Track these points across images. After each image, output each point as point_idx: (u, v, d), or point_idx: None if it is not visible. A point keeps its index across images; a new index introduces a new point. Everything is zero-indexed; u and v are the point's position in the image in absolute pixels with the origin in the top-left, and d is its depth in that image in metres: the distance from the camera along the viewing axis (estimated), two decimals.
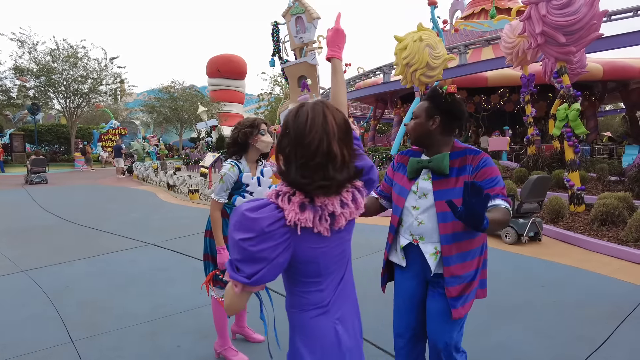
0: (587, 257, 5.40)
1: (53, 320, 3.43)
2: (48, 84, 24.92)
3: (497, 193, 1.76)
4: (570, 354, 2.90)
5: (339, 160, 1.16)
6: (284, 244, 1.16)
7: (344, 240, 1.31)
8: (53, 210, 8.87)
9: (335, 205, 1.19)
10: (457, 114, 1.86)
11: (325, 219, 1.18)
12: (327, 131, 1.15)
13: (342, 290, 1.34)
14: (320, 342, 1.29)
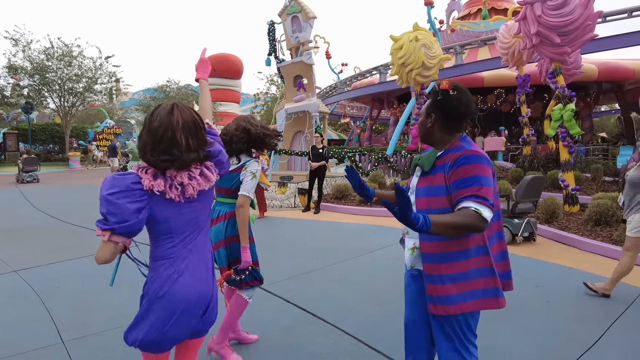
0: (582, 257, 5.41)
1: (44, 321, 3.39)
2: (42, 82, 24.77)
3: (470, 195, 1.61)
4: (563, 354, 2.90)
5: (184, 146, 1.53)
6: (142, 202, 1.50)
7: (195, 208, 1.65)
8: (46, 210, 8.81)
9: (184, 177, 1.56)
10: (450, 112, 1.79)
11: (176, 187, 1.55)
12: (171, 124, 1.53)
13: (191, 249, 1.66)
14: (161, 287, 1.61)
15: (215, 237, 2.69)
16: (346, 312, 3.56)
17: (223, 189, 2.72)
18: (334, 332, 3.20)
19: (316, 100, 14.70)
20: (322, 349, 2.93)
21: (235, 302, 2.75)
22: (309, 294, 3.98)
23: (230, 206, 2.70)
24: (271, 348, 2.97)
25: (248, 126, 2.71)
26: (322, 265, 4.89)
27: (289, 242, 6.04)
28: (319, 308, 3.62)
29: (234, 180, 2.68)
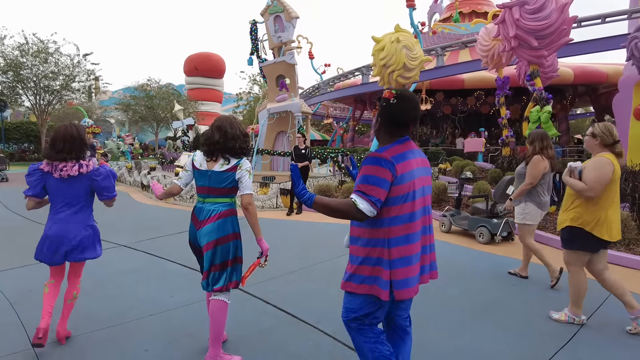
0: (558, 256, 5.45)
1: (13, 326, 3.27)
2: (16, 79, 24.01)
3: (356, 189, 1.96)
4: (538, 351, 2.95)
5: (68, 150, 2.89)
6: (39, 179, 2.94)
7: (72, 187, 2.96)
8: (19, 211, 8.53)
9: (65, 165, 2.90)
10: (390, 118, 2.04)
11: (58, 170, 2.88)
12: (65, 137, 2.90)
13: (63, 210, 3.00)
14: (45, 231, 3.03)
15: (208, 237, 2.70)
16: (326, 312, 3.54)
17: (217, 189, 2.73)
18: (315, 333, 3.18)
19: (299, 101, 14.67)
20: (302, 350, 2.91)
21: (217, 308, 2.69)
22: (289, 295, 3.95)
23: (224, 205, 2.75)
24: (250, 350, 2.93)
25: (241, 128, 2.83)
26: (302, 266, 4.87)
27: (269, 243, 5.96)
28: (299, 309, 3.60)
29: (228, 180, 2.73)
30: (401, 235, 1.99)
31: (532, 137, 4.40)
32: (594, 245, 3.34)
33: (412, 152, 2.06)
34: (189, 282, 4.32)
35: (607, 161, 3.25)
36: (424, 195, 2.08)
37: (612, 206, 3.31)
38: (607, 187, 3.25)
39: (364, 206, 1.90)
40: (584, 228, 3.29)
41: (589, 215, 3.29)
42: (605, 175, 3.21)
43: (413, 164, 2.03)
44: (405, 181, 1.96)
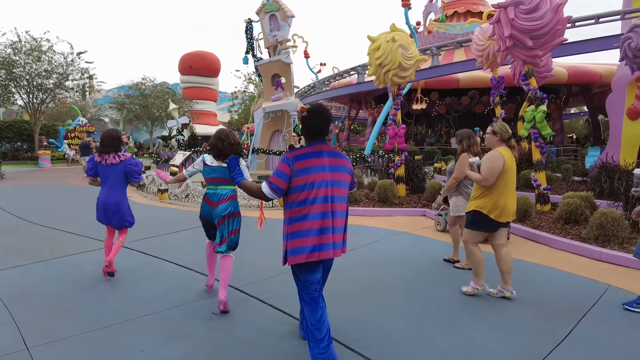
0: (552, 254, 5.56)
1: (7, 326, 3.24)
2: (9, 78, 23.75)
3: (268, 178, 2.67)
4: (534, 349, 2.96)
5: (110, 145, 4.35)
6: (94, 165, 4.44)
7: (113, 170, 4.35)
8: (13, 211, 8.45)
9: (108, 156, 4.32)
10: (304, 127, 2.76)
11: (104, 159, 4.32)
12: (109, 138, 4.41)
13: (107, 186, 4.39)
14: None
15: (224, 212, 3.71)
16: None
17: (225, 179, 3.70)
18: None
19: (294, 99, 14.64)
20: (298, 350, 2.91)
21: (229, 262, 3.70)
22: (285, 294, 3.94)
23: (231, 190, 3.79)
24: (247, 349, 2.93)
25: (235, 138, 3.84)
26: None
27: (265, 242, 5.97)
28: (295, 308, 3.59)
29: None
30: (298, 215, 2.57)
31: (460, 137, 4.72)
32: (493, 226, 3.88)
33: (320, 153, 2.65)
34: (184, 282, 4.31)
35: (498, 155, 3.75)
36: (327, 187, 2.59)
37: (505, 192, 3.80)
38: (500, 176, 3.75)
39: (266, 190, 2.63)
40: (483, 211, 3.83)
41: (487, 201, 3.81)
42: (496, 167, 3.72)
43: (315, 162, 2.60)
44: (302, 175, 2.56)
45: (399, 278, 4.51)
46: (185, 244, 5.85)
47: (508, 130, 3.90)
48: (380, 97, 25.77)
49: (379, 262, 5.04)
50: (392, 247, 5.71)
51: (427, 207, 8.22)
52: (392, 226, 7.02)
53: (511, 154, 3.83)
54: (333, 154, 2.71)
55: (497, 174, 3.73)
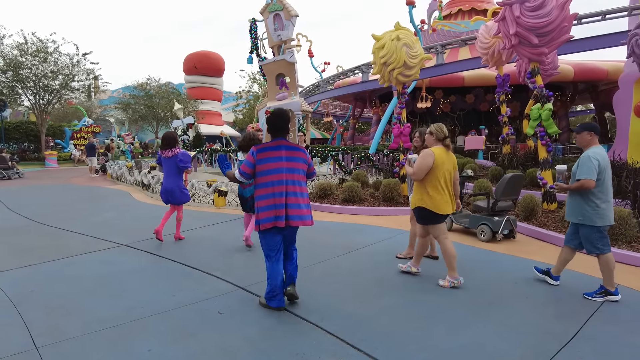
0: (559, 253, 5.52)
1: (16, 326, 3.27)
2: (16, 79, 23.95)
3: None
4: (540, 349, 2.95)
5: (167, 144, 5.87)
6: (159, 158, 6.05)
7: (169, 162, 5.85)
8: (20, 211, 8.53)
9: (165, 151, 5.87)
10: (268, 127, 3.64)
11: (164, 154, 5.87)
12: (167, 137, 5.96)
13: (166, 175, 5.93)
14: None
15: (248, 193, 5.35)
16: (328, 311, 3.55)
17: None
18: (316, 332, 3.18)
19: (299, 99, 14.66)
20: (305, 349, 2.91)
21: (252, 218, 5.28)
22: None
23: None
24: (253, 349, 2.93)
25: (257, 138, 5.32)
26: (304, 265, 4.86)
27: None
28: (301, 308, 3.60)
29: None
30: (261, 194, 3.50)
31: (420, 133, 5.02)
32: (436, 219, 4.25)
33: (279, 147, 3.52)
34: (190, 281, 4.32)
35: (430, 152, 4.16)
36: (282, 173, 3.46)
37: (438, 187, 4.18)
38: (431, 172, 4.15)
39: (237, 175, 3.62)
40: (424, 206, 4.22)
41: (425, 196, 4.22)
42: (426, 163, 4.14)
43: (274, 154, 3.49)
44: (263, 163, 3.46)
45: (404, 277, 4.50)
46: (190, 244, 5.87)
47: (443, 131, 4.27)
48: (384, 96, 25.71)
49: (385, 262, 5.03)
50: (398, 247, 5.70)
51: None
52: (398, 225, 7.00)
53: (444, 152, 4.22)
54: (291, 147, 3.56)
55: (427, 170, 4.13)
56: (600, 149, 4.06)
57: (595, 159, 3.89)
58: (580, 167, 3.95)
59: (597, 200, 3.91)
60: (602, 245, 3.95)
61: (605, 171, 3.94)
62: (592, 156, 3.91)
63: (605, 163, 3.95)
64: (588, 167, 3.86)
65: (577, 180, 3.94)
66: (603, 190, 3.94)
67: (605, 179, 3.94)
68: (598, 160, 3.89)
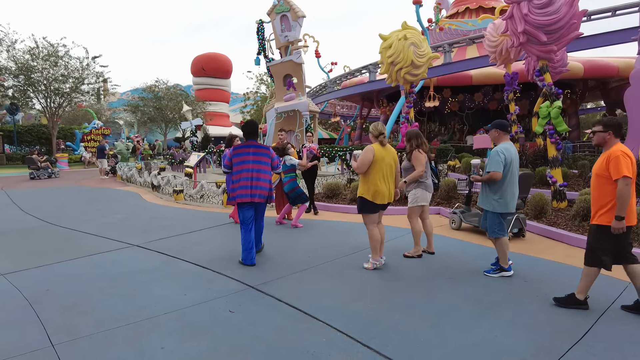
0: (570, 252, 5.49)
1: (32, 324, 3.34)
2: (27, 83, 24.35)
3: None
4: (552, 347, 2.94)
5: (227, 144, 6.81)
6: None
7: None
8: (33, 212, 8.67)
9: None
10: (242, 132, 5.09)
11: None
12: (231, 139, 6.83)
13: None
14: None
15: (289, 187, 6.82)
16: (338, 310, 3.57)
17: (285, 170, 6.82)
18: (326, 330, 3.21)
19: (306, 99, 14.69)
20: (315, 347, 2.94)
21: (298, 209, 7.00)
22: (300, 292, 3.98)
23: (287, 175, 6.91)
24: (264, 347, 2.97)
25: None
26: (314, 264, 4.90)
27: (280, 240, 6.03)
28: (311, 306, 3.63)
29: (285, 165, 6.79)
30: (236, 179, 4.89)
31: (409, 136, 5.29)
32: (373, 208, 4.68)
33: (249, 146, 4.97)
34: (201, 280, 4.37)
35: (370, 148, 4.62)
36: (249, 164, 4.90)
37: (378, 179, 4.57)
38: (372, 166, 4.57)
39: (222, 168, 5.29)
40: (364, 197, 4.64)
41: (366, 187, 4.62)
42: (367, 157, 4.57)
43: (244, 150, 4.95)
44: (236, 158, 4.94)
45: (413, 276, 4.51)
46: (201, 244, 5.93)
47: (378, 129, 4.71)
48: (392, 96, 25.67)
49: (394, 260, 5.04)
50: (406, 246, 5.70)
51: (442, 205, 8.18)
52: (406, 224, 6.99)
53: (382, 148, 4.65)
54: (258, 146, 5.04)
55: (368, 164, 4.57)
56: (509, 144, 4.47)
57: (502, 153, 4.35)
58: (490, 160, 4.41)
59: (500, 191, 4.40)
60: (499, 230, 4.48)
61: (511, 164, 4.37)
62: (500, 151, 4.37)
63: (512, 157, 4.38)
64: (496, 161, 4.33)
65: (488, 173, 4.41)
66: (508, 181, 4.39)
67: (511, 171, 4.38)
68: (504, 154, 4.35)
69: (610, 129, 3.54)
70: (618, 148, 3.45)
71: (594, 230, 3.61)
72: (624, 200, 3.33)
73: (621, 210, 3.35)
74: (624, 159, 3.36)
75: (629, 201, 3.36)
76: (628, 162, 3.37)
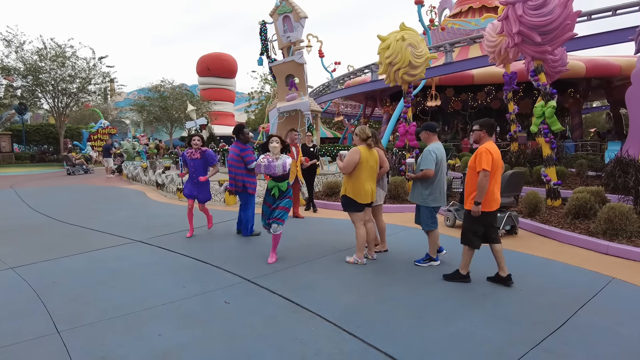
0: (560, 248, 5.62)
1: (40, 313, 3.55)
2: (35, 83, 24.74)
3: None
4: (527, 337, 3.09)
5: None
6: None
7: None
8: (41, 210, 8.93)
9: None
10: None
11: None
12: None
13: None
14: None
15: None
16: (328, 301, 3.75)
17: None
18: (315, 320, 3.38)
19: (308, 99, 14.87)
20: (303, 335, 3.12)
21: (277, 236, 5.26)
22: (294, 285, 4.16)
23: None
24: (255, 334, 3.15)
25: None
26: (308, 259, 5.08)
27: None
28: (303, 298, 3.81)
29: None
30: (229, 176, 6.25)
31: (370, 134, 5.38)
32: (358, 207, 4.85)
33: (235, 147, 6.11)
34: (200, 274, 4.57)
35: (356, 150, 4.77)
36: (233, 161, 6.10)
37: (362, 179, 4.76)
38: (358, 167, 4.74)
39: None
40: (349, 195, 4.81)
41: (351, 187, 4.80)
42: (353, 159, 4.72)
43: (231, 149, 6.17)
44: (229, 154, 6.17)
45: (404, 271, 4.67)
46: (201, 240, 6.13)
47: (366, 132, 4.88)
48: (395, 95, 25.77)
49: (386, 257, 5.21)
50: (401, 242, 5.87)
51: None
52: (403, 222, 7.17)
53: (367, 150, 4.82)
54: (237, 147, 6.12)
55: (354, 165, 4.74)
56: (439, 144, 4.85)
57: (434, 152, 4.70)
58: (423, 159, 4.76)
59: (431, 187, 4.75)
60: (431, 223, 4.82)
61: (441, 162, 4.75)
62: (432, 150, 4.72)
63: (442, 156, 4.77)
64: (429, 160, 4.68)
65: (421, 170, 4.74)
66: (438, 178, 4.75)
67: (441, 169, 4.75)
68: (436, 154, 4.71)
69: (484, 128, 4.21)
70: (485, 145, 4.09)
71: (466, 214, 4.26)
72: (482, 189, 4.02)
73: (479, 197, 4.06)
74: (486, 155, 4.01)
75: (487, 190, 4.04)
76: (489, 157, 4.01)
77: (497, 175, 4.13)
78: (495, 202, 4.16)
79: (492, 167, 4.02)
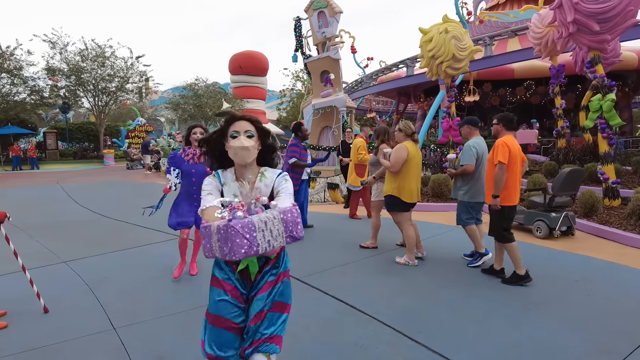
0: (622, 251, 5.26)
1: (95, 309, 3.57)
2: (78, 83, 25.71)
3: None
4: (610, 348, 2.84)
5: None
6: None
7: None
8: (87, 205, 9.19)
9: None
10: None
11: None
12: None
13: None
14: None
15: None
16: (383, 303, 3.59)
17: None
18: (373, 323, 3.24)
19: (343, 95, 14.69)
20: (363, 340, 2.98)
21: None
22: (345, 286, 4.03)
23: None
24: (312, 339, 3.03)
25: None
26: (355, 259, 4.94)
27: (320, 235, 6.10)
28: (356, 300, 3.67)
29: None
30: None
31: (377, 132, 5.39)
32: (405, 207, 4.71)
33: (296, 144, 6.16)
34: None
35: (403, 147, 4.62)
36: None
37: (409, 178, 4.63)
38: (405, 165, 4.59)
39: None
40: (394, 194, 4.67)
41: (397, 186, 4.64)
42: (401, 156, 4.58)
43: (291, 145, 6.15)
44: None
45: (458, 272, 4.45)
46: None
47: (411, 128, 4.77)
48: (429, 90, 25.17)
49: (436, 258, 5.00)
50: (449, 243, 5.64)
51: None
52: (448, 221, 6.90)
53: (414, 146, 4.70)
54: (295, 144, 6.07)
55: (402, 162, 4.58)
56: (480, 139, 4.70)
57: (474, 147, 4.58)
58: (463, 155, 4.64)
59: (470, 182, 4.61)
60: (466, 219, 4.70)
61: (482, 158, 4.58)
62: (472, 145, 4.61)
63: (483, 151, 4.62)
64: (469, 155, 4.56)
65: (461, 166, 4.61)
66: (479, 173, 4.58)
67: (482, 164, 4.57)
68: (476, 149, 4.58)
69: (502, 122, 4.21)
70: (503, 139, 4.05)
71: (491, 210, 4.17)
72: (498, 181, 3.98)
73: (496, 190, 4.02)
74: (502, 147, 3.97)
75: (504, 183, 3.99)
76: (506, 150, 3.96)
77: (515, 169, 4.07)
78: (515, 196, 4.10)
79: (510, 160, 3.97)
